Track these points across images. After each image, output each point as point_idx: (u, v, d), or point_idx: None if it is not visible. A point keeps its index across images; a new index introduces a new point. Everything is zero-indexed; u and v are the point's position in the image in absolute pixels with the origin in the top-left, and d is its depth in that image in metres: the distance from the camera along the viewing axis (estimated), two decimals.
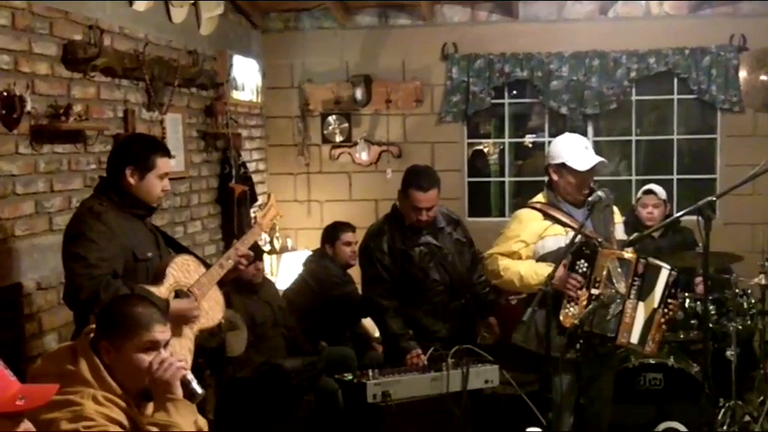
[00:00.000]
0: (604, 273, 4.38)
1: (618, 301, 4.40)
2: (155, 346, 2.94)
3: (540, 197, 4.75)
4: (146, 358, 2.92)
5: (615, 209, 4.79)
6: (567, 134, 4.81)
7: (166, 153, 4.13)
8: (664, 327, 4.56)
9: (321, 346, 6.12)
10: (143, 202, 4.01)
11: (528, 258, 4.58)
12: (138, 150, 4.04)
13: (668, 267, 4.52)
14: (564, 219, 4.57)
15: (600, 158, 4.62)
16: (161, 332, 2.97)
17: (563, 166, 4.58)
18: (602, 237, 4.54)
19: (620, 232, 4.80)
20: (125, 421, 2.80)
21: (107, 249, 3.78)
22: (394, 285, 5.15)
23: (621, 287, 4.41)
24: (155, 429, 2.84)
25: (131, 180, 3.95)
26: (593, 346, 4.51)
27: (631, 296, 4.43)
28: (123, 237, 3.87)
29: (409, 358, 4.93)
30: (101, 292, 3.63)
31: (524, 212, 4.72)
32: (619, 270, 4.41)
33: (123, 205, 3.95)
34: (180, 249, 4.28)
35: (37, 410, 2.57)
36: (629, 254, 4.52)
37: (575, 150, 4.58)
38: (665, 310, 4.49)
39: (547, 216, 4.60)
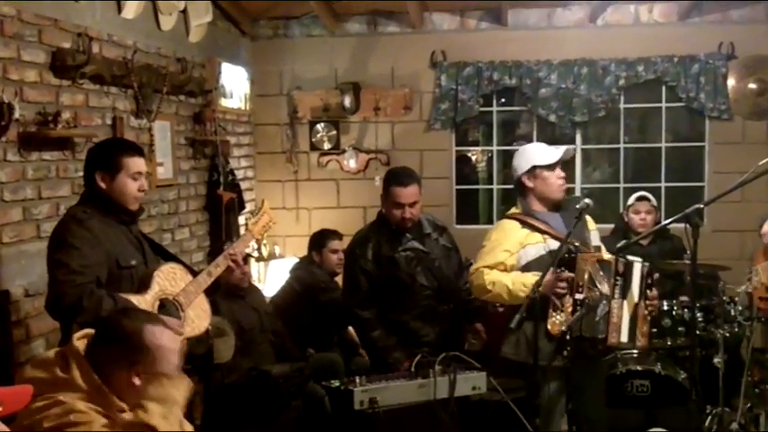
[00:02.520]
0: (586, 276, 4.43)
1: (603, 302, 4.44)
2: None
3: (514, 210, 4.83)
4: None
5: (588, 217, 4.81)
6: (524, 145, 4.96)
7: (135, 152, 4.04)
8: (648, 318, 4.62)
9: (308, 353, 6.11)
10: (124, 207, 3.99)
11: (512, 267, 4.60)
12: (103, 154, 4.01)
13: (639, 260, 4.60)
14: (542, 226, 4.63)
15: (566, 146, 4.76)
16: None
17: (534, 169, 4.67)
18: (579, 242, 4.60)
19: (595, 239, 4.84)
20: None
21: (90, 256, 3.75)
22: (375, 293, 5.16)
23: (605, 288, 4.46)
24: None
25: (103, 185, 3.92)
26: (583, 351, 4.52)
27: (615, 296, 4.48)
28: (107, 243, 3.84)
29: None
30: (84, 299, 3.61)
31: (505, 222, 4.78)
32: (600, 272, 4.46)
33: (107, 212, 3.92)
34: (168, 257, 4.25)
35: (25, 414, 2.58)
36: (607, 255, 4.61)
37: (539, 150, 4.75)
38: (647, 302, 4.57)
39: (525, 224, 4.65)
